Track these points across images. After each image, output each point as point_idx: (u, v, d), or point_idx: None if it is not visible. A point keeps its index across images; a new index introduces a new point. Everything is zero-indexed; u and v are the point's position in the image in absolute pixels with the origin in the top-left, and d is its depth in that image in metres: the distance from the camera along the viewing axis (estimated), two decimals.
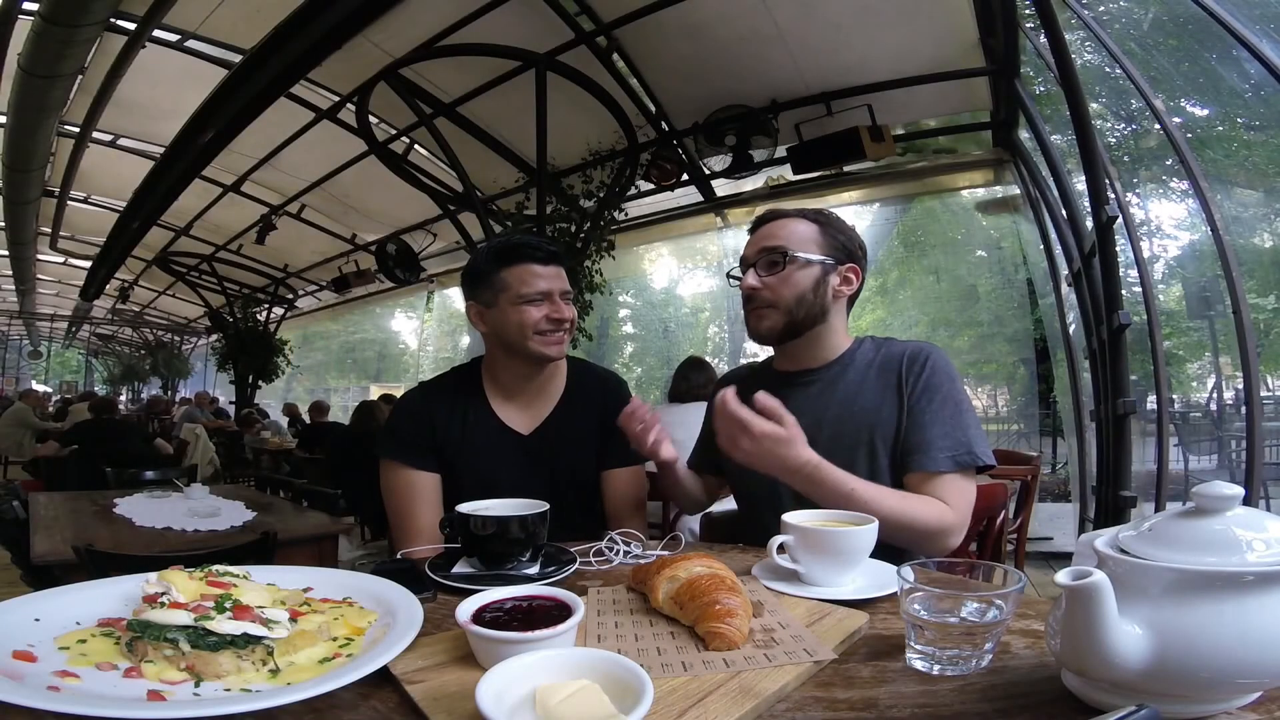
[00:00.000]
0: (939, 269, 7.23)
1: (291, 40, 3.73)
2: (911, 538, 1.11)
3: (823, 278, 1.25)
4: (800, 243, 1.25)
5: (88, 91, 5.00)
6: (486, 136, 5.53)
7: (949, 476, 1.15)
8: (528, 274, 1.33)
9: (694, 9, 4.11)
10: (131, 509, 2.42)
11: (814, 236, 1.26)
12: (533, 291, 1.32)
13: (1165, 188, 5.13)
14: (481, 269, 1.38)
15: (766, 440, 1.04)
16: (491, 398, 1.41)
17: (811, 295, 1.24)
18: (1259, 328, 4.44)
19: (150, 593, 0.66)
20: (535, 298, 1.32)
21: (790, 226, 1.27)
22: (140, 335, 18.14)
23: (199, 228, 8.58)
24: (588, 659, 0.58)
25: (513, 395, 1.41)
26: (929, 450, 1.15)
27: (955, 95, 4.61)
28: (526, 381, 1.40)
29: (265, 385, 10.97)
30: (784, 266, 1.24)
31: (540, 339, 1.32)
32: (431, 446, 1.36)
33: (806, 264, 1.24)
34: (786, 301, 1.24)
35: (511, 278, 1.33)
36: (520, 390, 1.41)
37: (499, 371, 1.41)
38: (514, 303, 1.33)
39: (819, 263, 1.25)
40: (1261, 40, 3.13)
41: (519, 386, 1.41)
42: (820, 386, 1.28)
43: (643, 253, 7.82)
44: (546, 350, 1.33)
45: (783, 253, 1.24)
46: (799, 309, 1.24)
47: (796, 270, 1.24)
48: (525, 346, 1.33)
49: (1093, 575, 0.52)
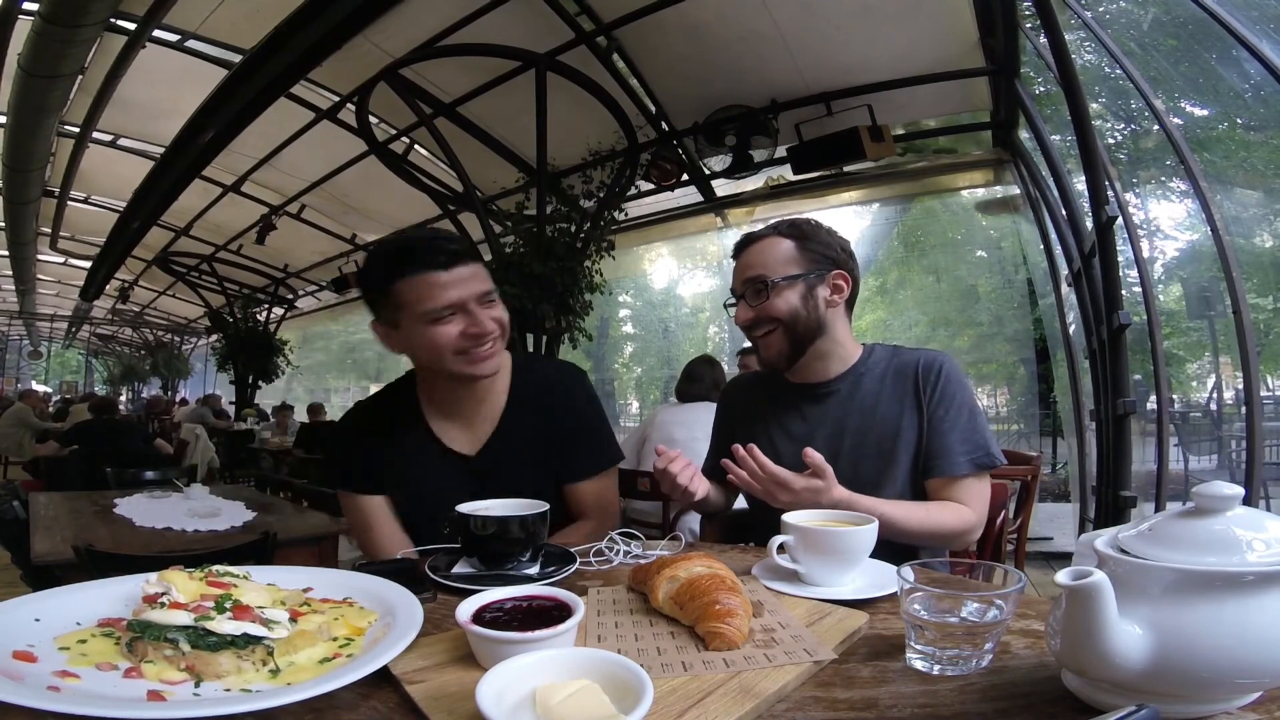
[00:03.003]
0: (939, 269, 7.23)
1: (291, 40, 3.73)
2: (937, 543, 1.19)
3: (809, 292, 1.26)
4: (780, 265, 1.27)
5: (88, 91, 5.00)
6: (486, 136, 5.53)
7: (968, 479, 1.21)
8: (427, 286, 1.09)
9: (694, 9, 4.11)
10: (131, 509, 2.43)
11: (792, 254, 1.27)
12: (438, 306, 1.09)
13: (1165, 188, 5.13)
14: (374, 284, 1.16)
15: (806, 493, 1.07)
16: (430, 418, 1.25)
17: (804, 311, 1.26)
18: (1259, 328, 4.43)
19: (150, 593, 0.66)
20: (443, 314, 1.10)
21: (767, 251, 1.29)
22: (140, 335, 18.14)
23: (199, 228, 8.58)
24: (588, 659, 0.58)
25: (452, 415, 1.24)
26: (950, 456, 1.21)
27: (955, 95, 4.61)
28: (464, 399, 1.24)
29: (265, 385, 10.96)
30: (769, 294, 1.26)
31: (461, 359, 1.13)
32: (370, 474, 1.24)
33: (790, 284, 1.26)
34: (783, 322, 1.26)
35: (409, 293, 1.10)
36: (459, 409, 1.24)
37: (432, 391, 1.25)
38: (419, 322, 1.11)
39: (801, 278, 1.26)
40: (1261, 40, 3.13)
41: (457, 405, 1.24)
42: (838, 398, 1.30)
43: (643, 253, 7.82)
44: (472, 370, 1.14)
45: (764, 280, 1.26)
46: (795, 326, 1.26)
47: (782, 292, 1.26)
48: (447, 368, 1.14)
49: (1093, 575, 0.52)
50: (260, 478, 5.24)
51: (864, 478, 1.22)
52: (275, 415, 9.23)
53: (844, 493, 1.10)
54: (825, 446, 1.25)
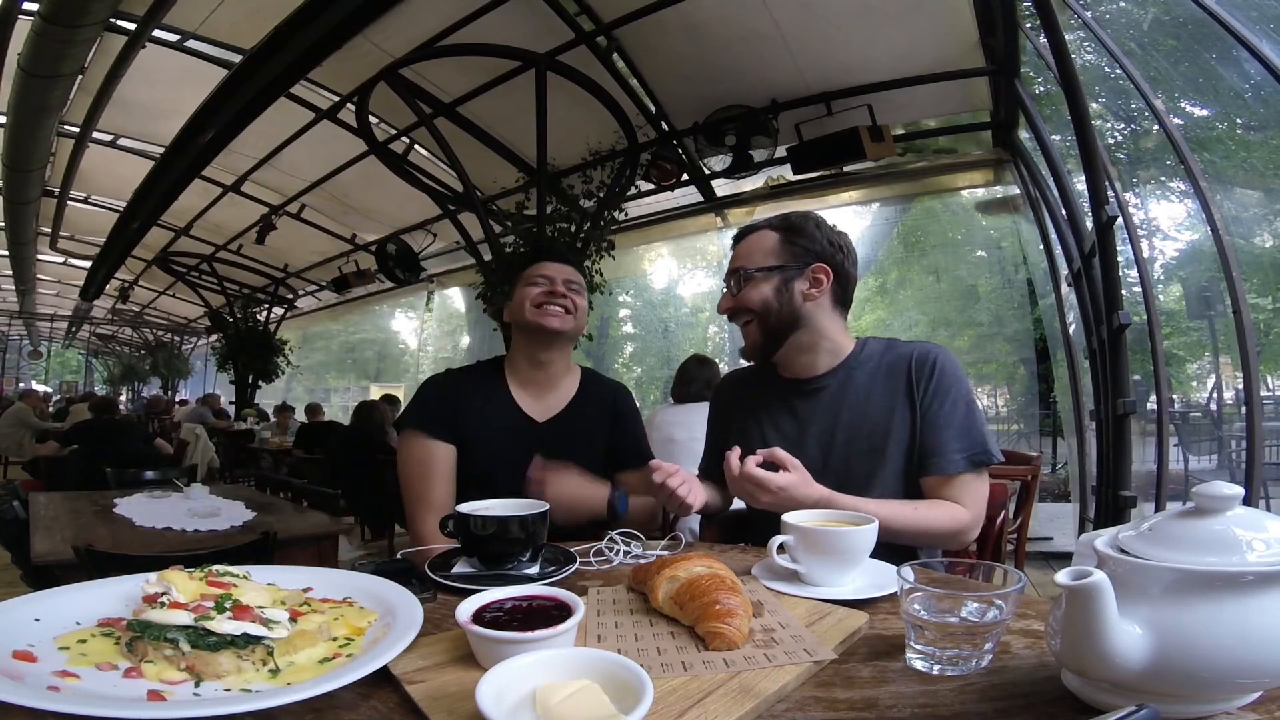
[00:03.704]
0: (939, 269, 7.23)
1: (291, 40, 3.73)
2: (929, 543, 1.17)
3: (783, 285, 1.26)
4: (759, 256, 1.29)
5: (88, 91, 5.00)
6: (486, 136, 5.53)
7: (965, 476, 1.18)
8: (537, 267, 1.55)
9: (694, 9, 4.11)
10: (131, 509, 2.42)
11: (773, 247, 1.29)
12: (536, 274, 1.52)
13: (1165, 188, 5.13)
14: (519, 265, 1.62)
15: (784, 492, 1.08)
16: (511, 385, 1.54)
17: (776, 304, 1.26)
18: (1259, 328, 4.43)
19: (150, 593, 0.66)
20: (537, 280, 1.51)
21: (753, 243, 1.32)
22: (140, 335, 18.14)
23: (199, 228, 8.58)
24: (588, 659, 0.58)
25: (529, 383, 1.54)
26: (945, 453, 1.18)
27: (955, 95, 4.61)
28: (541, 369, 1.53)
29: (265, 385, 10.96)
30: (744, 284, 1.29)
31: (537, 310, 1.48)
32: (452, 421, 1.46)
33: (766, 276, 1.27)
34: (756, 312, 1.28)
35: (527, 269, 1.57)
36: (535, 378, 1.54)
37: (517, 359, 1.55)
38: (522, 285, 1.54)
39: (778, 271, 1.27)
40: (1261, 40, 3.13)
41: (534, 374, 1.54)
42: (830, 393, 1.28)
43: (643, 253, 7.82)
44: (543, 320, 1.47)
45: (744, 272, 1.29)
46: (768, 317, 1.27)
47: (758, 284, 1.27)
48: (526, 319, 1.49)
49: (1093, 575, 0.52)
50: (260, 478, 5.24)
51: (856, 474, 1.21)
52: (276, 415, 9.23)
53: (822, 490, 1.10)
54: (816, 442, 1.25)
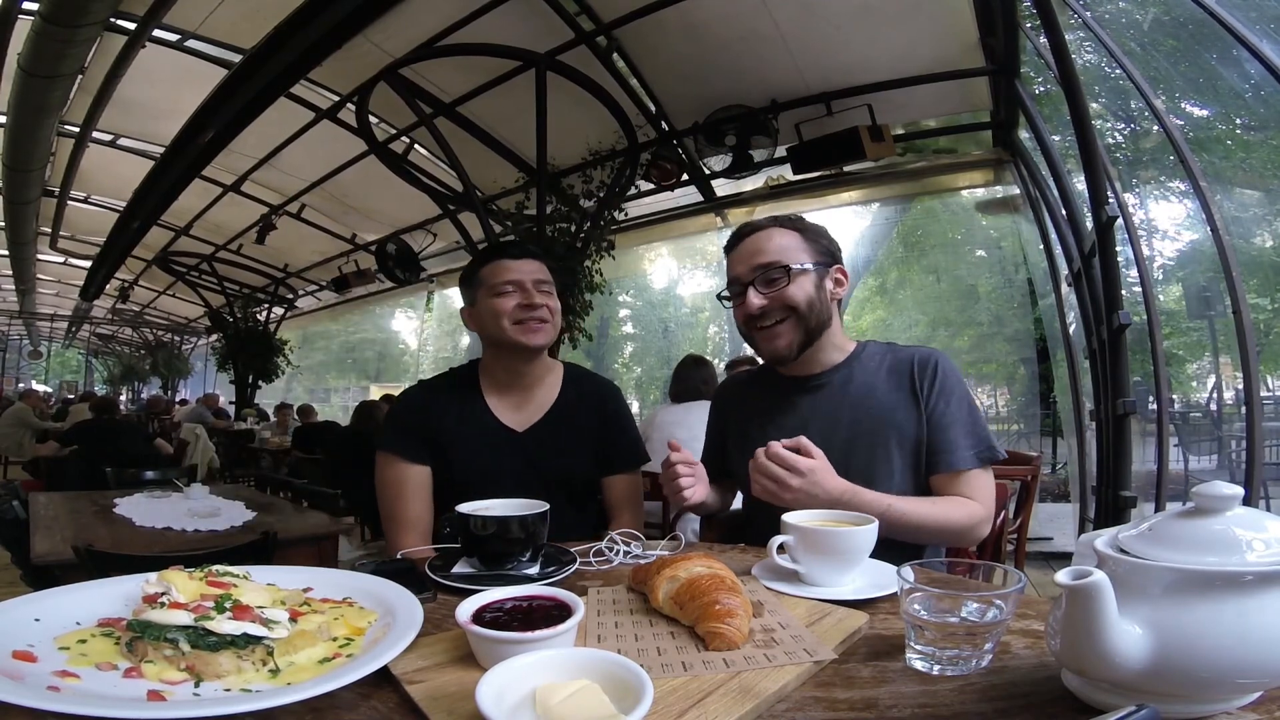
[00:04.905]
0: (939, 269, 7.24)
1: (291, 40, 3.72)
2: (947, 539, 1.18)
3: (820, 283, 1.26)
4: (793, 253, 1.25)
5: (88, 91, 5.00)
6: (486, 136, 5.52)
7: (974, 472, 1.20)
8: (498, 268, 1.40)
9: (694, 9, 4.11)
10: (131, 509, 2.42)
11: (800, 244, 1.27)
12: (501, 281, 1.37)
13: (1165, 188, 5.13)
14: (467, 272, 1.46)
15: (811, 475, 1.06)
16: (487, 395, 1.44)
17: (817, 300, 1.25)
18: (1259, 328, 4.44)
19: (150, 593, 0.66)
20: (505, 288, 1.37)
21: (776, 239, 1.27)
22: (140, 335, 18.13)
23: (199, 228, 8.57)
24: (588, 659, 0.58)
25: (506, 392, 1.44)
26: (955, 450, 1.19)
27: (955, 95, 4.60)
28: (519, 378, 1.44)
29: (265, 385, 10.97)
30: (788, 280, 1.23)
31: (517, 328, 1.36)
32: (427, 440, 1.38)
33: (805, 272, 1.25)
34: (798, 311, 1.23)
35: (486, 273, 1.41)
36: (513, 387, 1.44)
37: (493, 368, 1.45)
38: (488, 295, 1.39)
39: (814, 268, 1.26)
40: (1261, 40, 3.13)
41: (512, 383, 1.44)
42: (831, 389, 1.29)
43: (643, 253, 7.83)
44: (525, 339, 1.36)
45: (783, 267, 1.23)
46: (811, 317, 1.24)
47: (799, 280, 1.24)
48: (504, 336, 1.36)
49: (1093, 575, 0.52)
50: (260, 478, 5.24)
51: (857, 469, 1.20)
52: (276, 414, 9.25)
53: (845, 483, 1.09)
54: (818, 438, 1.25)
